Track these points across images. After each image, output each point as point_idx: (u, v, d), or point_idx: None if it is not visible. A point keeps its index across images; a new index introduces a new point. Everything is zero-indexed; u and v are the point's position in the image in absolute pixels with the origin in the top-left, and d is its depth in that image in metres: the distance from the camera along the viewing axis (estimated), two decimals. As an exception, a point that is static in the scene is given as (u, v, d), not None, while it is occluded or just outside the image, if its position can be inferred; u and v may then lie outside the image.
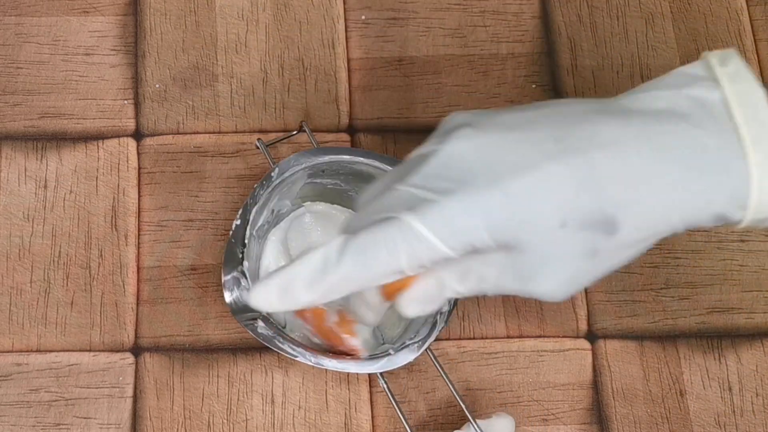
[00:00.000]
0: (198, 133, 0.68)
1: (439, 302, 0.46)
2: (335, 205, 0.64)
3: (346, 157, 0.61)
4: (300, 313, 0.58)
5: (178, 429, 0.60)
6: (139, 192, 0.66)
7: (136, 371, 0.62)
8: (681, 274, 0.65)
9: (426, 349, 0.58)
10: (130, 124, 0.68)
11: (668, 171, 0.41)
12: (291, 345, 0.57)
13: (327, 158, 0.61)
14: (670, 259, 0.65)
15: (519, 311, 0.64)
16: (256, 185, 0.59)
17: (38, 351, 0.62)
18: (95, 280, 0.64)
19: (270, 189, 0.60)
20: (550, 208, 0.41)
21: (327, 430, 0.61)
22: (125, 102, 0.68)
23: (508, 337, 0.63)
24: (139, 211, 0.65)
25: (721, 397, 0.62)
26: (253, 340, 0.62)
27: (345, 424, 0.61)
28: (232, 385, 0.62)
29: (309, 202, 0.63)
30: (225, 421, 0.61)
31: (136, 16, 0.70)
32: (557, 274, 0.43)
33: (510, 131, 0.42)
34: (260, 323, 0.57)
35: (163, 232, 0.65)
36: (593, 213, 0.41)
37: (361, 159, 0.61)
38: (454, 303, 0.59)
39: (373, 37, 0.71)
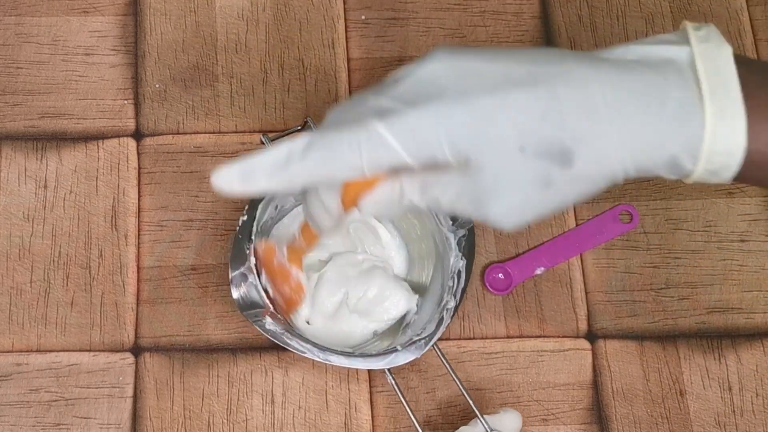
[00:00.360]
0: (198, 133, 0.68)
1: (397, 209, 0.47)
2: None
3: None
4: (255, 251, 0.59)
5: (178, 429, 0.60)
6: (139, 192, 0.66)
7: (136, 371, 0.62)
8: (681, 274, 0.65)
9: (432, 346, 0.58)
10: (130, 124, 0.68)
11: (628, 113, 0.43)
12: (299, 341, 0.57)
13: None
14: (670, 259, 0.65)
15: (519, 311, 0.64)
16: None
17: (38, 351, 0.62)
18: (95, 280, 0.64)
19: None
20: (512, 131, 0.43)
21: (327, 430, 0.61)
22: (125, 102, 0.68)
23: (508, 337, 0.63)
24: (139, 211, 0.65)
25: (721, 397, 0.62)
26: (254, 340, 0.62)
27: (345, 424, 0.61)
28: (232, 385, 0.62)
29: None
30: (225, 421, 0.61)
31: (136, 16, 0.70)
32: (509, 199, 0.44)
33: (484, 60, 0.44)
34: (268, 319, 0.57)
35: (163, 232, 0.65)
36: (552, 143, 0.43)
37: None
38: (460, 299, 0.59)
39: (373, 37, 0.71)
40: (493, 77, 0.43)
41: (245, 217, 0.59)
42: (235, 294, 0.58)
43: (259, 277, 0.58)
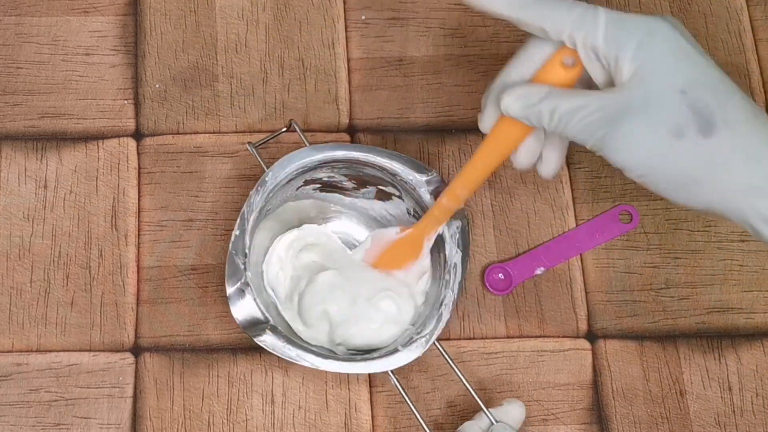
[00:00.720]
0: (198, 133, 0.68)
1: (533, 113, 0.51)
2: (330, 194, 0.64)
3: (340, 154, 0.61)
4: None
5: (178, 429, 0.60)
6: (139, 192, 0.66)
7: (136, 371, 0.62)
8: (681, 274, 0.65)
9: (434, 343, 0.58)
10: (130, 124, 0.68)
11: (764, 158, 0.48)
12: (299, 351, 0.56)
13: (320, 156, 0.60)
14: (670, 259, 0.65)
15: (519, 311, 0.64)
16: (251, 191, 0.59)
17: (38, 351, 0.62)
18: (95, 280, 0.64)
19: (265, 194, 0.59)
20: (689, 74, 0.48)
21: (327, 430, 0.61)
22: (125, 102, 0.68)
23: (508, 337, 0.63)
24: (139, 211, 0.65)
25: (721, 397, 0.62)
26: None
27: (345, 424, 0.61)
28: (232, 385, 0.62)
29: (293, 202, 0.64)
30: (225, 421, 0.61)
31: (136, 16, 0.70)
32: (643, 128, 0.48)
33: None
34: (268, 333, 0.56)
35: (163, 232, 0.65)
36: (708, 107, 0.47)
37: (356, 154, 0.61)
38: (458, 293, 0.59)
39: (373, 37, 0.71)
40: (701, 54, 0.49)
41: (237, 232, 0.58)
42: (237, 314, 0.57)
43: (255, 291, 0.58)
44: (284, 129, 0.63)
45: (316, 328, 0.60)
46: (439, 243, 0.60)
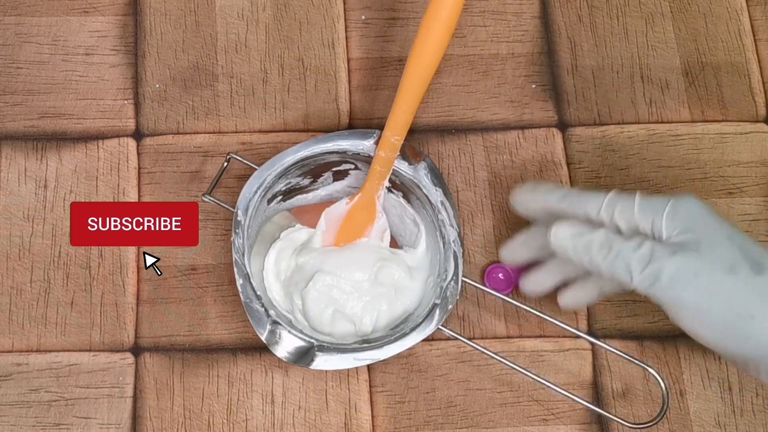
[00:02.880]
0: (198, 133, 0.68)
1: (581, 251, 0.54)
2: (292, 199, 0.64)
3: (288, 159, 0.61)
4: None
5: (178, 429, 0.60)
6: (139, 192, 0.66)
7: (136, 371, 0.62)
8: (681, 274, 0.65)
9: (464, 279, 0.59)
10: (130, 124, 0.68)
11: None
12: (354, 355, 0.57)
13: (272, 172, 0.60)
14: (670, 259, 0.65)
15: (519, 311, 0.64)
16: (232, 237, 0.58)
17: (38, 351, 0.62)
18: (95, 280, 0.64)
19: (244, 233, 0.59)
20: (724, 224, 0.52)
21: (327, 430, 0.61)
22: (125, 102, 0.68)
23: (508, 337, 0.63)
24: (139, 211, 0.65)
25: (721, 397, 0.62)
26: (254, 341, 0.62)
27: (345, 424, 0.61)
28: (232, 385, 0.62)
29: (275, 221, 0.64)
30: (225, 421, 0.61)
31: (136, 16, 0.70)
32: (699, 264, 0.50)
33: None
34: (319, 356, 0.56)
35: (163, 232, 0.65)
36: (755, 250, 0.50)
37: (302, 153, 0.61)
38: (460, 227, 0.60)
39: (373, 37, 0.71)
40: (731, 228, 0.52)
41: (241, 281, 0.57)
42: (281, 353, 0.56)
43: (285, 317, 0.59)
44: (225, 164, 0.63)
45: (339, 332, 0.60)
46: (416, 191, 0.61)
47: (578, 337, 0.63)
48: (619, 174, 0.67)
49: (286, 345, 0.56)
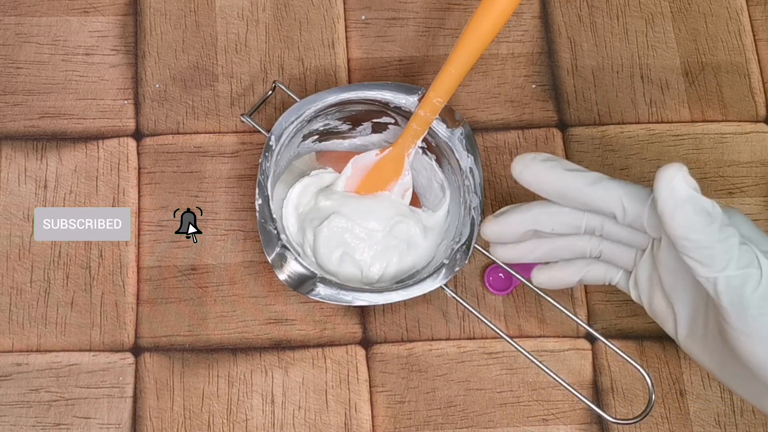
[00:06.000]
0: (198, 133, 0.68)
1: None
2: (328, 142, 0.65)
3: (331, 99, 0.61)
4: None
5: (178, 429, 0.60)
6: (139, 192, 0.66)
7: (136, 371, 0.62)
8: (681, 274, 0.65)
9: (475, 247, 0.59)
10: (130, 124, 0.68)
11: None
12: (354, 294, 0.58)
13: (312, 107, 0.61)
14: (670, 259, 0.65)
15: (519, 311, 0.64)
16: (260, 159, 0.59)
17: (38, 351, 0.62)
18: (95, 280, 0.64)
19: (273, 158, 0.60)
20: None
21: (327, 430, 0.61)
22: (125, 102, 0.68)
23: (508, 336, 0.63)
24: (139, 211, 0.65)
25: (721, 397, 0.62)
26: (254, 340, 0.62)
27: (345, 424, 0.61)
28: (232, 385, 0.62)
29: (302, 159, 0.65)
30: (225, 421, 0.61)
31: (136, 16, 0.70)
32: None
33: None
34: (320, 286, 0.57)
35: (163, 232, 0.65)
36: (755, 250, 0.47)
37: (345, 95, 0.61)
38: (482, 195, 0.60)
39: (373, 37, 0.71)
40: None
41: (260, 201, 0.59)
42: (282, 276, 0.57)
43: (296, 252, 0.59)
44: (270, 92, 0.64)
45: (344, 274, 0.61)
46: (448, 155, 0.62)
47: (578, 327, 0.63)
48: (619, 174, 0.67)
49: (290, 270, 0.57)
